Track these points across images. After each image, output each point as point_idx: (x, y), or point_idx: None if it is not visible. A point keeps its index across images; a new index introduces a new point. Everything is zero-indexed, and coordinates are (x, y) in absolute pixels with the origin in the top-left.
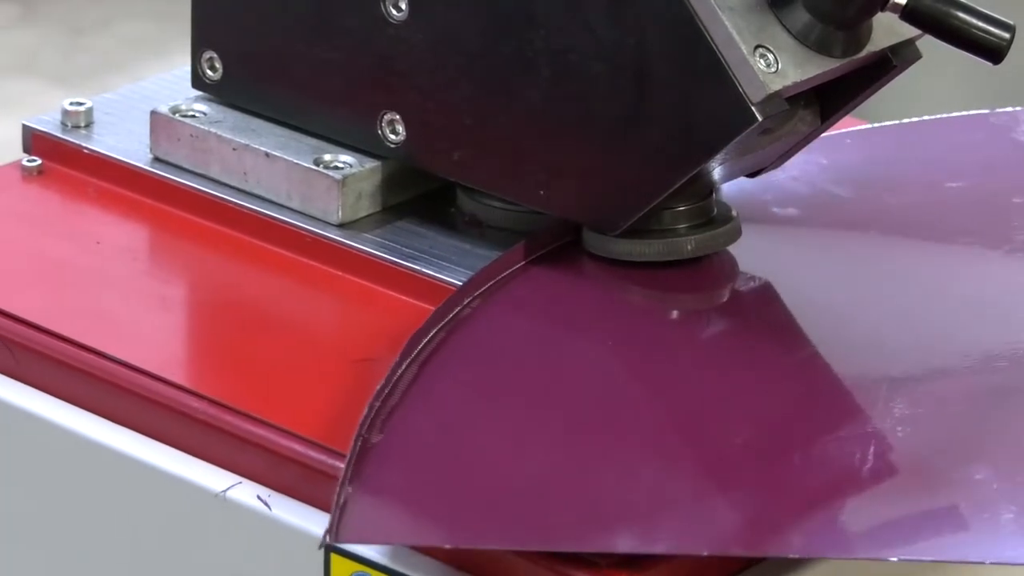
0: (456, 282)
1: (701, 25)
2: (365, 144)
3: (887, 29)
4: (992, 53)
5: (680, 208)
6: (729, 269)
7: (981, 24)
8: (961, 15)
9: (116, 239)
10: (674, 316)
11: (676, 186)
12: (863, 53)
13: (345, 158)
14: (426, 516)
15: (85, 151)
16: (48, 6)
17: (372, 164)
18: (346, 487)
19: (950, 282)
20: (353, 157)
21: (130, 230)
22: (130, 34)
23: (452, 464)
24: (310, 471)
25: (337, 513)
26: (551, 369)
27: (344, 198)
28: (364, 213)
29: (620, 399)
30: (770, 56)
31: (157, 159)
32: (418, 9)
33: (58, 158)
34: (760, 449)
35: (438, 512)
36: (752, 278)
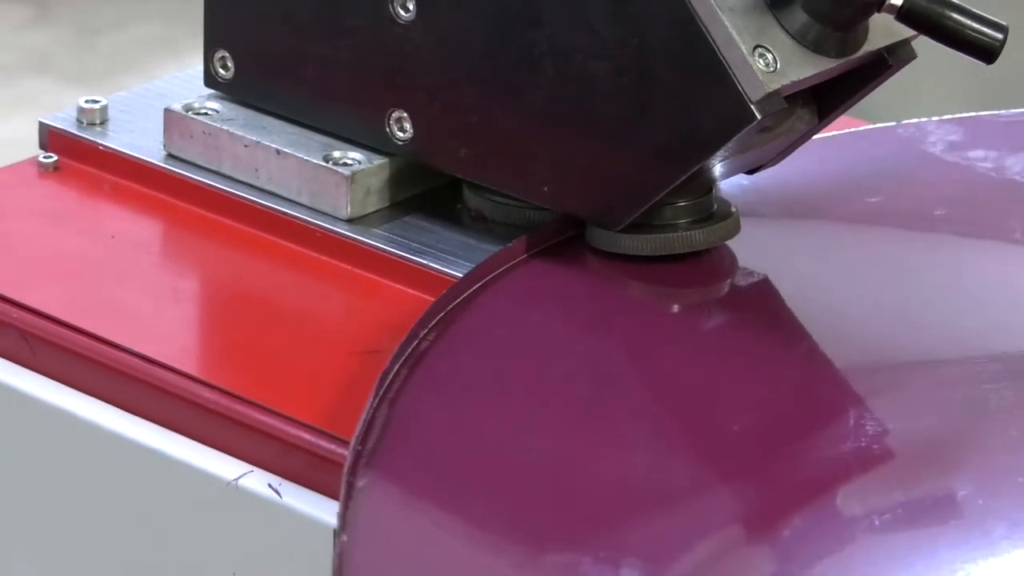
0: (462, 276)
1: (702, 26)
2: (373, 141)
3: (883, 30)
4: (986, 53)
5: (681, 204)
6: (728, 263)
7: (975, 25)
8: (956, 16)
9: (130, 233)
10: (674, 309)
11: (677, 182)
12: (859, 53)
13: (354, 155)
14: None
15: (100, 148)
16: (62, 7)
17: (380, 161)
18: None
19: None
20: (362, 154)
21: (144, 225)
22: (142, 35)
23: (452, 457)
24: (320, 459)
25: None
26: (551, 360)
27: (353, 194)
28: (372, 208)
29: (619, 391)
30: (769, 56)
31: (170, 156)
32: (425, 10)
33: (74, 154)
34: (756, 441)
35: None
36: (751, 272)
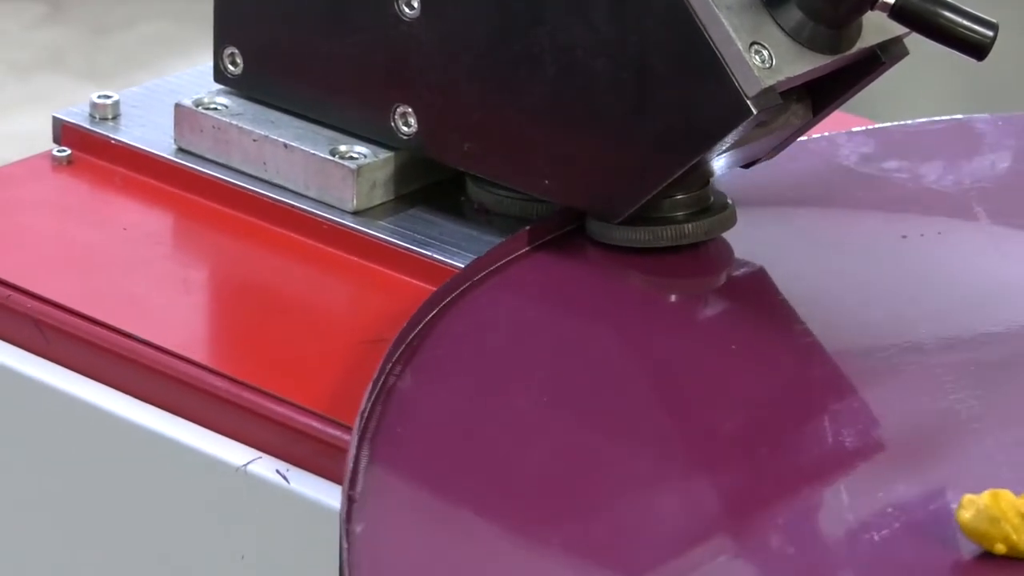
0: (464, 267)
1: (700, 23)
2: (379, 136)
3: (876, 27)
4: (976, 50)
5: (679, 197)
6: (725, 255)
7: (966, 23)
8: (947, 14)
9: (142, 225)
10: (672, 299)
11: (676, 176)
12: (853, 50)
13: (360, 149)
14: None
15: (112, 142)
16: (74, 6)
17: (385, 155)
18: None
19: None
20: (367, 148)
21: (155, 217)
22: (153, 33)
23: (448, 441)
24: (326, 446)
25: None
26: (550, 349)
27: (359, 187)
28: (378, 201)
29: (618, 380)
30: (765, 53)
31: (181, 149)
32: (429, 7)
33: (87, 148)
34: (753, 428)
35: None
36: (747, 263)
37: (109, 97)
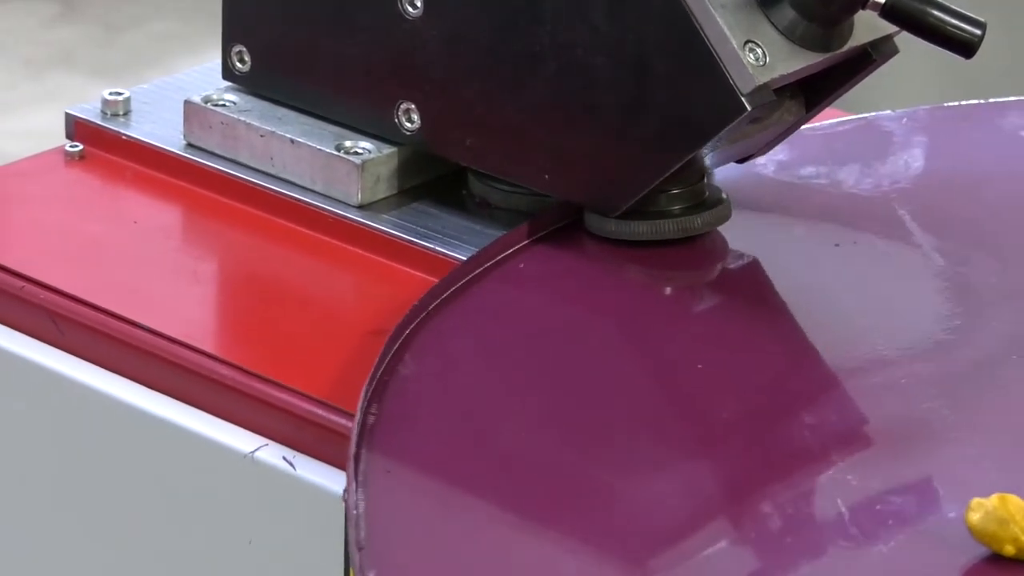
0: (466, 259)
1: (695, 22)
2: (383, 131)
3: (867, 26)
4: (965, 48)
5: (675, 191)
6: (720, 248)
7: (955, 21)
8: (937, 13)
9: (152, 219)
10: (668, 292)
11: (671, 171)
12: (845, 48)
13: (364, 144)
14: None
15: (123, 137)
16: (86, 5)
17: (389, 150)
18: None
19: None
20: (372, 143)
21: (165, 210)
22: (163, 31)
23: (449, 428)
24: (332, 433)
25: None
26: (550, 339)
27: (363, 181)
28: (382, 195)
29: (615, 369)
30: (759, 51)
31: (190, 145)
32: (432, 6)
33: (98, 144)
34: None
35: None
36: (741, 256)
37: (120, 94)
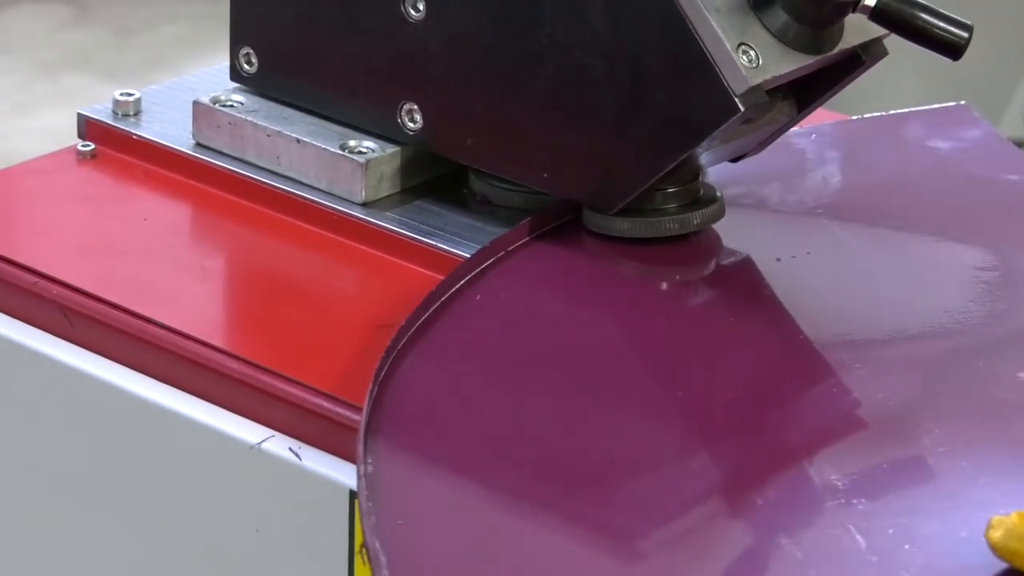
0: (468, 256)
1: (690, 25)
2: (386, 131)
3: (857, 28)
4: (952, 50)
5: (670, 189)
6: (714, 245)
7: (943, 24)
8: (925, 16)
9: (161, 216)
10: (664, 287)
11: (667, 169)
12: (835, 50)
13: (368, 144)
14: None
15: (134, 137)
16: (100, 8)
17: (392, 149)
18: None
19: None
20: (375, 143)
21: (174, 208)
22: (173, 34)
23: (455, 418)
24: (337, 425)
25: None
26: (550, 332)
27: (367, 180)
28: (385, 193)
29: (613, 360)
30: (752, 53)
31: (199, 144)
32: (434, 10)
33: (110, 143)
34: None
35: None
36: (734, 252)
37: (131, 95)
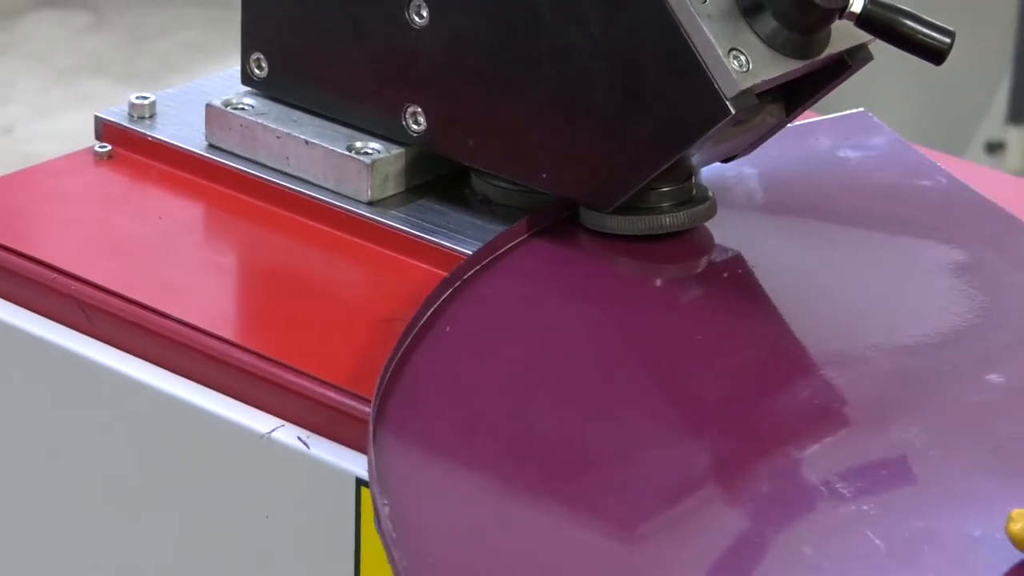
0: (470, 253)
1: (683, 31)
2: (391, 133)
3: (843, 34)
4: (936, 55)
5: (664, 189)
6: (706, 242)
7: (926, 31)
8: (909, 23)
9: (175, 215)
10: (658, 283)
11: (661, 169)
12: (823, 55)
13: (374, 145)
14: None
15: (149, 139)
16: (116, 15)
17: (397, 150)
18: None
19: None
20: (381, 144)
21: (188, 207)
22: (187, 40)
23: (460, 408)
24: (343, 415)
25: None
26: (548, 327)
27: (373, 179)
28: (390, 193)
29: (609, 354)
30: (742, 57)
31: (211, 146)
32: (437, 16)
33: (126, 145)
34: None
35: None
36: (726, 250)
37: (146, 98)
